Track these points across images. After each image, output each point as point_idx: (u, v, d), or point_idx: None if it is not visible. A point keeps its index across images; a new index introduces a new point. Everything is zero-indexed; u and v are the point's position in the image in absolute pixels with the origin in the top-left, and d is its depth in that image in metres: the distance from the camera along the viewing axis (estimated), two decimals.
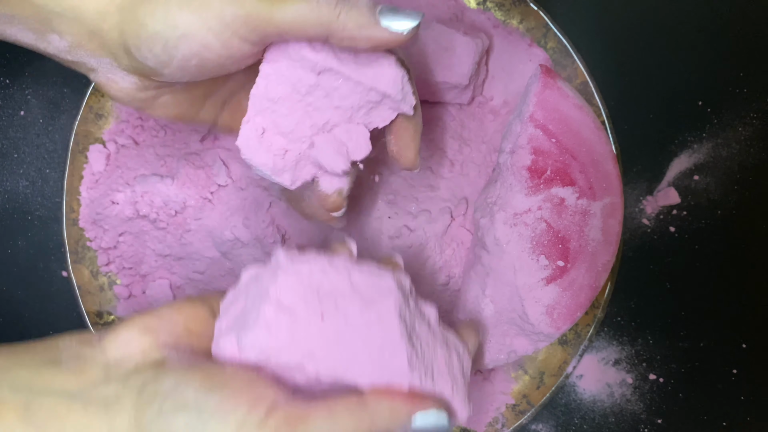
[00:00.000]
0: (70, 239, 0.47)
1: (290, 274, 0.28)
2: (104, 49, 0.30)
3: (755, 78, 0.47)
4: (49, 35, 0.30)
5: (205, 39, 0.28)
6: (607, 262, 0.42)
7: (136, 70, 0.30)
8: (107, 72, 0.31)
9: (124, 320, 0.30)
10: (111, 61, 0.30)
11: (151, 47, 0.29)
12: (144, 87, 0.31)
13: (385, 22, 0.28)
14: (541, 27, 0.47)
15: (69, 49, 0.30)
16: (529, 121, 0.40)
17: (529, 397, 0.47)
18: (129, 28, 0.29)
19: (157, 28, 0.28)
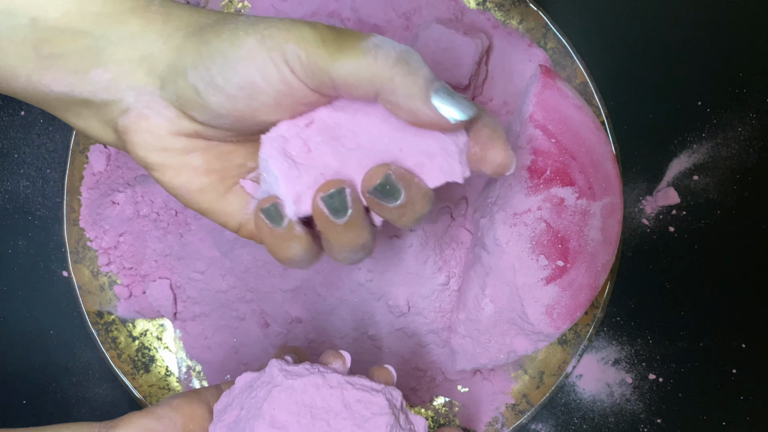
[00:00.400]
0: (70, 239, 0.47)
1: (283, 390, 0.29)
2: (152, 74, 0.29)
3: (755, 78, 0.47)
4: (93, 70, 0.28)
5: (265, 67, 0.27)
6: (607, 262, 0.42)
7: (180, 99, 0.29)
8: (143, 106, 0.29)
9: (125, 421, 0.30)
10: (154, 89, 0.29)
11: (210, 65, 0.28)
12: (178, 130, 0.30)
13: (437, 101, 0.27)
14: (541, 27, 0.47)
15: (110, 83, 0.29)
16: (529, 121, 0.40)
17: (529, 397, 0.47)
18: (191, 47, 0.28)
19: (221, 45, 0.28)
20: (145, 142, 0.29)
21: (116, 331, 0.48)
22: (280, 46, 0.27)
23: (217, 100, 0.28)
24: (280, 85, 0.28)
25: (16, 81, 0.28)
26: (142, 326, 0.48)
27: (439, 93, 0.27)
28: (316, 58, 0.27)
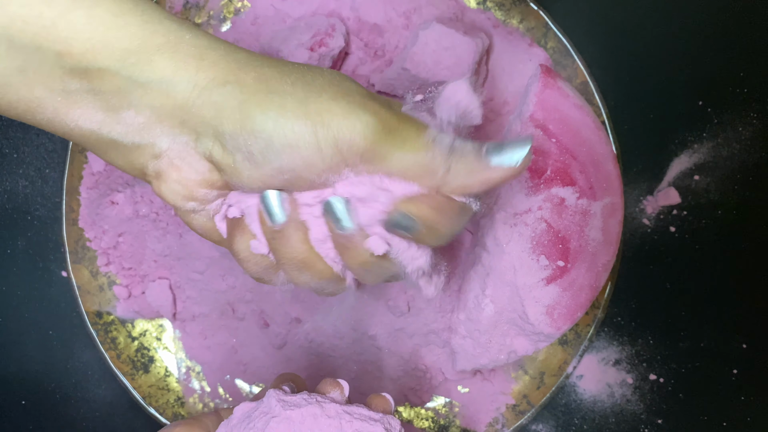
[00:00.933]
0: (69, 239, 0.47)
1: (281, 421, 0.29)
2: (187, 126, 0.27)
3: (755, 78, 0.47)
4: (124, 112, 0.27)
5: (311, 158, 0.27)
6: (608, 262, 0.42)
7: (215, 158, 0.28)
8: (176, 156, 0.28)
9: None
10: (189, 140, 0.28)
11: (251, 143, 0.26)
12: (210, 182, 0.29)
13: (496, 160, 0.28)
14: (541, 27, 0.47)
15: (142, 127, 0.28)
16: (529, 121, 0.40)
17: (529, 397, 0.47)
18: (230, 114, 0.26)
19: (267, 127, 0.26)
20: (174, 190, 0.29)
21: (115, 331, 0.48)
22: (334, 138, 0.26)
23: (251, 174, 0.28)
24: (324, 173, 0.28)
25: (42, 114, 0.27)
26: (142, 326, 0.48)
27: (491, 153, 0.28)
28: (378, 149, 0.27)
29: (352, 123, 0.26)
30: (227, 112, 0.27)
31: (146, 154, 0.29)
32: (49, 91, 0.27)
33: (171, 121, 0.27)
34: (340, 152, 0.27)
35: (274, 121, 0.26)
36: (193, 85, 0.27)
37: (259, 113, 0.26)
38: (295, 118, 0.26)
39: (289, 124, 0.26)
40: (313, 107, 0.26)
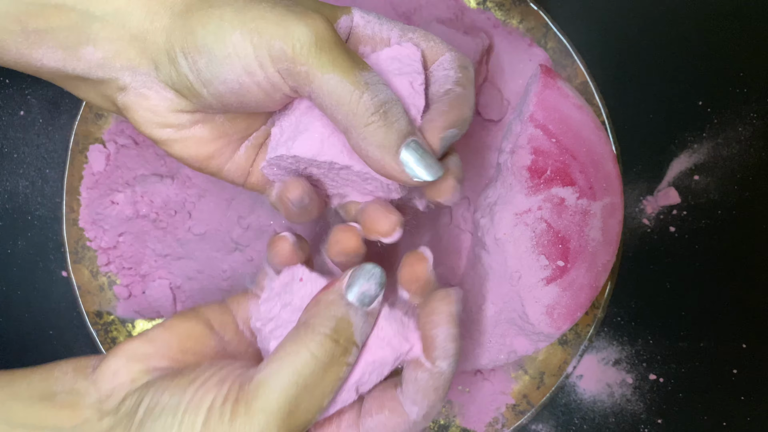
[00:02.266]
0: (70, 239, 0.47)
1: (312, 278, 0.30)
2: (145, 55, 0.28)
3: (755, 78, 0.47)
4: (83, 48, 0.28)
5: (250, 66, 0.27)
6: (607, 262, 0.42)
7: (175, 84, 0.28)
8: (141, 86, 0.29)
9: (115, 348, 0.29)
10: (149, 71, 0.28)
11: (197, 59, 0.27)
12: (179, 107, 0.29)
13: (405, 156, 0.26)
14: (541, 27, 0.47)
15: (102, 62, 0.28)
16: (529, 121, 0.40)
17: (529, 397, 0.47)
18: (178, 33, 0.27)
19: (207, 40, 0.26)
20: (146, 120, 0.29)
21: (116, 331, 0.48)
22: (266, 44, 0.26)
23: (207, 92, 0.28)
24: (266, 84, 0.27)
25: (7, 54, 0.28)
26: (142, 326, 0.48)
27: (409, 149, 0.26)
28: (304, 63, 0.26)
29: (284, 31, 0.26)
30: (176, 33, 0.27)
31: (112, 87, 0.29)
32: (8, 33, 0.27)
33: (129, 52, 0.28)
34: (273, 62, 0.26)
35: (213, 34, 0.26)
36: (146, 12, 0.27)
37: (200, 28, 0.27)
38: (232, 28, 0.26)
39: (227, 34, 0.26)
40: (250, 15, 0.26)
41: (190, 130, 0.30)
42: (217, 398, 0.25)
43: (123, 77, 0.29)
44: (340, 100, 0.26)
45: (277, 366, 0.25)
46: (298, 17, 0.26)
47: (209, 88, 0.28)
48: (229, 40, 0.26)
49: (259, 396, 0.24)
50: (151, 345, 0.29)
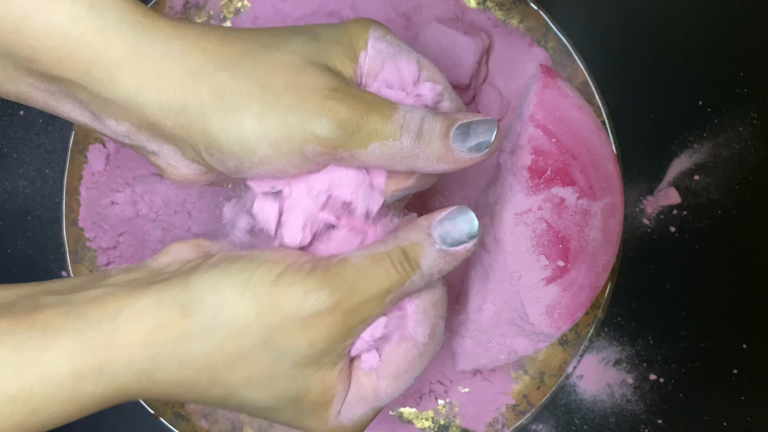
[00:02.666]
0: (69, 239, 0.47)
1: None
2: (168, 139, 0.28)
3: (755, 78, 0.47)
4: (106, 120, 0.28)
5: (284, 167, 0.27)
6: (608, 262, 0.42)
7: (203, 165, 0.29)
8: (170, 158, 0.29)
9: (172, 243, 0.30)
10: (175, 149, 0.28)
11: (224, 160, 0.27)
12: (208, 173, 0.30)
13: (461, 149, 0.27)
14: (541, 27, 0.47)
15: (127, 134, 0.28)
16: (529, 120, 0.40)
17: (530, 398, 0.47)
18: (198, 137, 0.27)
19: (233, 149, 0.26)
20: (179, 180, 0.30)
21: None
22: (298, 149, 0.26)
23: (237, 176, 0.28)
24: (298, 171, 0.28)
25: (36, 103, 0.28)
26: None
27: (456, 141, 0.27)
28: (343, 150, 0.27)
29: (311, 132, 0.26)
30: (195, 133, 0.27)
31: (143, 151, 0.29)
32: (33, 88, 0.27)
33: (151, 133, 0.28)
34: (308, 160, 0.27)
35: (238, 145, 0.26)
36: (158, 106, 0.26)
37: (222, 137, 0.26)
38: (258, 140, 0.26)
39: (253, 144, 0.26)
40: (272, 124, 0.26)
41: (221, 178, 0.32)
42: (299, 260, 0.26)
43: (150, 146, 0.29)
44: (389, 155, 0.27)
45: (360, 252, 0.27)
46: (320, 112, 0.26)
47: (239, 175, 0.28)
48: (257, 150, 0.26)
49: (339, 265, 0.26)
50: (209, 244, 0.30)
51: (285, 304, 0.25)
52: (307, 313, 0.25)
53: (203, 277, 0.26)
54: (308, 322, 0.25)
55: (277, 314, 0.25)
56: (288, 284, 0.25)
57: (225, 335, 0.25)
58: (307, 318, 0.25)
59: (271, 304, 0.25)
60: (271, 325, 0.25)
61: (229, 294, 0.25)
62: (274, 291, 0.25)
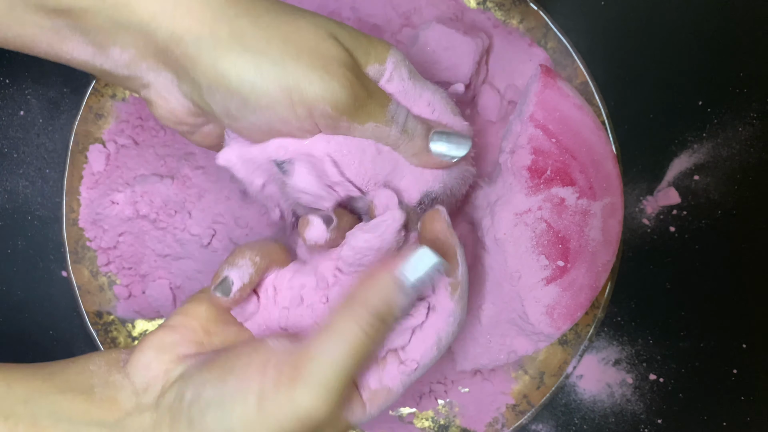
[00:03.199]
0: (69, 239, 0.47)
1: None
2: (169, 67, 0.28)
3: (755, 78, 0.47)
4: (111, 48, 0.28)
5: (286, 117, 0.28)
6: (607, 262, 0.42)
7: (195, 102, 0.29)
8: (163, 90, 0.30)
9: (141, 342, 0.30)
10: (173, 79, 0.29)
11: (227, 100, 0.27)
12: (196, 114, 0.30)
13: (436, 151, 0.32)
14: (541, 27, 0.47)
15: (129, 63, 0.29)
16: (529, 121, 0.40)
17: (529, 397, 0.47)
18: (205, 69, 0.27)
19: (242, 89, 0.27)
20: (164, 116, 0.31)
21: (116, 331, 0.48)
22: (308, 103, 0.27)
23: (228, 123, 0.29)
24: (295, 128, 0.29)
25: (38, 47, 0.29)
26: (142, 326, 0.48)
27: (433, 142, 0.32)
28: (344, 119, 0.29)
29: (326, 92, 0.27)
30: (202, 67, 0.27)
31: (137, 83, 0.30)
32: (39, 28, 0.28)
33: (154, 59, 0.28)
34: (312, 116, 0.28)
35: (250, 84, 0.27)
36: (171, 34, 0.27)
37: (234, 74, 0.27)
38: (271, 81, 0.27)
39: (265, 86, 0.27)
40: (290, 71, 0.27)
41: (202, 128, 0.32)
42: (266, 382, 0.26)
43: (147, 76, 0.29)
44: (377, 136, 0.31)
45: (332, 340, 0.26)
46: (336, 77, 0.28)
47: (233, 122, 0.29)
48: (268, 93, 0.27)
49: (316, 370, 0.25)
50: (175, 333, 0.30)
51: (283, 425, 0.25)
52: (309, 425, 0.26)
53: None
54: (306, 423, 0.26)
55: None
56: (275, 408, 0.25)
57: None
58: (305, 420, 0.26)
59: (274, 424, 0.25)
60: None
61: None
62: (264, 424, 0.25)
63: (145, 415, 0.27)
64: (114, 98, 0.47)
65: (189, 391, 0.27)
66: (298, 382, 0.25)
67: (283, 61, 0.27)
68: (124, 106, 0.47)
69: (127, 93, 0.47)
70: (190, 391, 0.27)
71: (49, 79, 0.48)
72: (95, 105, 0.47)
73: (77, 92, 0.48)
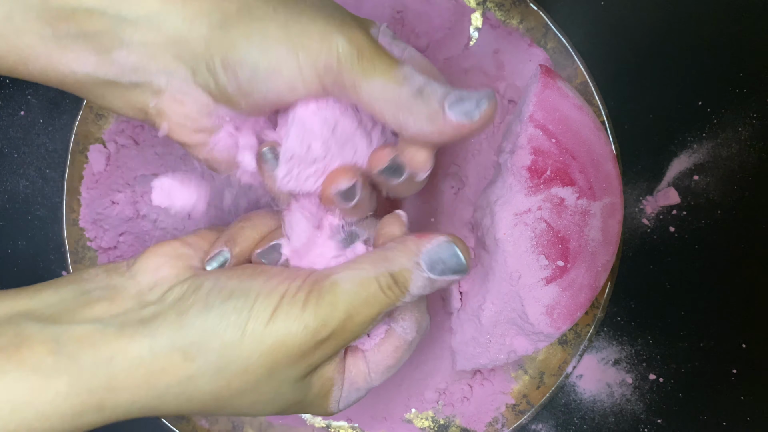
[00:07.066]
0: (70, 239, 0.47)
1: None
2: (182, 60, 0.28)
3: (755, 78, 0.47)
4: (116, 52, 0.27)
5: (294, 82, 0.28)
6: (607, 262, 0.42)
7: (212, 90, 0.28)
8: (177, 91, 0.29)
9: (150, 248, 0.29)
10: (187, 75, 0.28)
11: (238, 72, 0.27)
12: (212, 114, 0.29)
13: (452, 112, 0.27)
14: (541, 27, 0.47)
15: (137, 66, 0.28)
16: (529, 121, 0.40)
17: (529, 397, 0.47)
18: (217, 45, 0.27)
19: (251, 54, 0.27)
20: (181, 125, 0.30)
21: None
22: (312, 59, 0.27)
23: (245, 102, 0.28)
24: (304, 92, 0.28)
25: (36, 61, 0.27)
26: None
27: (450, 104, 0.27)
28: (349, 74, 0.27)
29: (328, 45, 0.27)
30: (215, 44, 0.27)
31: (146, 92, 0.29)
32: (39, 38, 0.27)
33: (165, 56, 0.28)
34: (318, 75, 0.27)
35: (258, 48, 0.27)
36: (182, 19, 0.27)
37: (243, 41, 0.27)
38: (278, 43, 0.27)
39: (272, 49, 0.27)
40: (294, 30, 0.27)
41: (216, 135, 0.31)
42: (291, 288, 0.27)
43: (158, 81, 0.28)
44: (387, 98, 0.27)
45: (350, 275, 0.27)
46: (339, 30, 0.27)
47: (247, 99, 0.28)
48: (274, 56, 0.27)
49: (331, 292, 0.27)
50: (189, 247, 0.30)
51: (286, 340, 0.26)
52: (307, 346, 0.27)
53: (199, 319, 0.26)
54: (308, 351, 0.27)
55: (279, 351, 0.26)
56: (285, 320, 0.26)
57: (231, 375, 0.26)
58: (306, 349, 0.27)
59: (273, 343, 0.26)
60: (274, 359, 0.26)
61: (229, 337, 0.26)
62: (273, 329, 0.26)
63: (146, 309, 0.27)
64: None
65: (208, 282, 0.27)
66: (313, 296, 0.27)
67: (287, 23, 0.27)
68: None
69: None
70: (209, 282, 0.27)
71: None
72: (95, 105, 0.47)
73: None
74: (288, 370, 0.27)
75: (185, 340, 0.26)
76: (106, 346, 0.25)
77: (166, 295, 0.27)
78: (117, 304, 0.27)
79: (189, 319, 0.26)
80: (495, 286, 0.41)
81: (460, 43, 0.47)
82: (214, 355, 0.26)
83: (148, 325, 0.26)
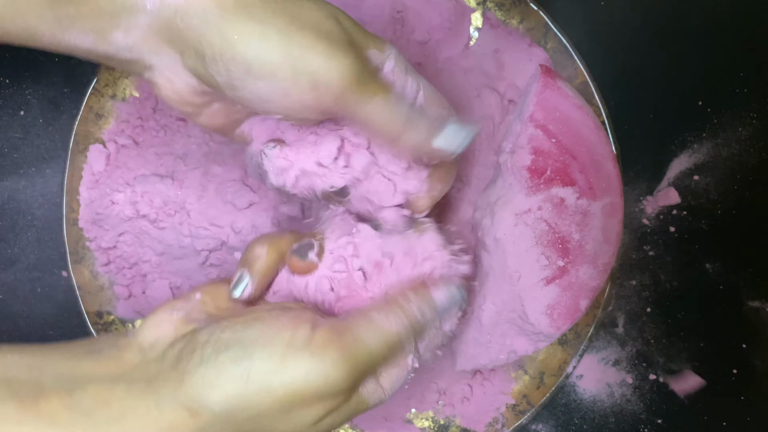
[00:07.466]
0: (70, 239, 0.47)
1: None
2: (173, 45, 0.28)
3: (755, 78, 0.47)
4: (112, 34, 0.28)
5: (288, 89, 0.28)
6: (607, 262, 0.42)
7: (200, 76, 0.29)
8: (166, 70, 0.30)
9: (154, 309, 0.30)
10: (177, 58, 0.29)
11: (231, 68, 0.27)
12: (201, 92, 0.30)
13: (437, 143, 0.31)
14: (541, 27, 0.47)
15: (131, 47, 0.29)
16: (529, 121, 0.40)
17: (529, 397, 0.47)
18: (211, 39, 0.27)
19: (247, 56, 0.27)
20: (170, 98, 0.31)
21: (116, 331, 0.48)
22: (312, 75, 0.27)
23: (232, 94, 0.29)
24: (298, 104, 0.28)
25: (41, 38, 0.29)
26: None
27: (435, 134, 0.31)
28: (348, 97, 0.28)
29: (332, 64, 0.27)
30: (208, 37, 0.27)
31: (139, 66, 0.30)
32: (41, 20, 0.28)
33: (157, 39, 0.28)
34: (316, 90, 0.28)
35: (254, 51, 0.27)
36: (176, 8, 0.27)
37: (240, 41, 0.27)
38: (276, 49, 0.27)
39: (269, 54, 0.27)
40: (296, 41, 0.27)
41: (207, 108, 0.32)
42: (298, 335, 0.27)
43: (149, 59, 0.29)
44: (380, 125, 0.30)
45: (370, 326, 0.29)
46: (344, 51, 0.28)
47: (235, 92, 0.28)
48: (271, 62, 0.27)
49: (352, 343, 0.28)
50: (188, 302, 0.30)
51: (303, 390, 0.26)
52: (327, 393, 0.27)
53: (196, 374, 0.26)
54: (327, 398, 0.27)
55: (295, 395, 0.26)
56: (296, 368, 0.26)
57: (243, 418, 0.26)
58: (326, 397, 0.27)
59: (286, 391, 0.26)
60: (290, 403, 0.27)
61: (232, 389, 0.26)
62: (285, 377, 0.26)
63: (150, 366, 0.27)
64: (114, 98, 0.47)
65: (203, 334, 0.27)
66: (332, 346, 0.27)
67: (288, 31, 0.27)
68: (125, 106, 0.47)
69: (128, 93, 0.47)
70: (204, 334, 0.27)
71: (49, 79, 0.48)
72: (95, 105, 0.47)
73: (77, 92, 0.48)
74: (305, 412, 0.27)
75: (187, 397, 0.26)
76: (117, 404, 0.26)
77: (167, 351, 0.28)
78: (123, 361, 0.28)
79: (187, 375, 0.26)
80: (495, 286, 0.41)
81: (460, 42, 0.47)
82: (219, 408, 0.26)
83: (152, 384, 0.27)
